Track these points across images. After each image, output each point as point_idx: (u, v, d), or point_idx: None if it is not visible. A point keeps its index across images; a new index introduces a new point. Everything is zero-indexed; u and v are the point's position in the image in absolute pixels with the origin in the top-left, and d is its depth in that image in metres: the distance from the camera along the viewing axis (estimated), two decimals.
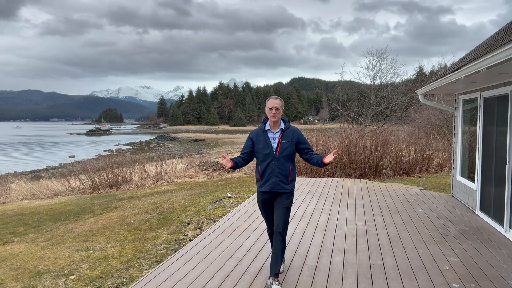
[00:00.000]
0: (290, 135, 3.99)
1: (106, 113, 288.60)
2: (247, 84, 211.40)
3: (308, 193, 8.92)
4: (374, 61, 23.65)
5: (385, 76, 23.79)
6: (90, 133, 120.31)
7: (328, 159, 3.83)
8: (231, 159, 3.98)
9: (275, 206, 3.98)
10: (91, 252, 5.47)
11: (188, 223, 6.81)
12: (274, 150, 3.92)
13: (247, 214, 6.92)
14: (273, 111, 3.92)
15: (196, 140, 74.26)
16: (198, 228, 6.45)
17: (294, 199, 8.31)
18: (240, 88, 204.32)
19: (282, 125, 4.01)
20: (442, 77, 6.71)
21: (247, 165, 4.17)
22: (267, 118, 4.05)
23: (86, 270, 4.77)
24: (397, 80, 25.17)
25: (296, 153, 4.14)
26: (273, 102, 3.94)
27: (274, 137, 3.96)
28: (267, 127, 4.01)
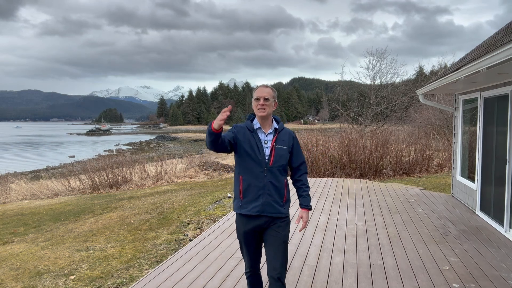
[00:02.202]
0: (286, 138, 2.99)
1: (106, 113, 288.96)
2: (247, 84, 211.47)
3: None
4: (374, 61, 23.70)
5: (385, 76, 23.85)
6: (90, 133, 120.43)
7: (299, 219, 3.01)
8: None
9: (268, 240, 2.90)
10: (91, 252, 5.47)
11: (188, 223, 6.80)
12: (266, 157, 2.88)
13: None
14: (261, 101, 2.88)
15: (196, 140, 74.30)
16: (198, 228, 6.45)
17: (294, 199, 8.28)
18: (240, 88, 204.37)
19: (275, 125, 3.00)
20: (442, 77, 6.72)
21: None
22: (253, 114, 3.03)
23: (86, 270, 4.77)
24: (397, 80, 25.23)
25: None
26: (262, 91, 2.91)
27: (266, 140, 2.92)
28: (257, 125, 2.95)
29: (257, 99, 2.90)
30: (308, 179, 11.16)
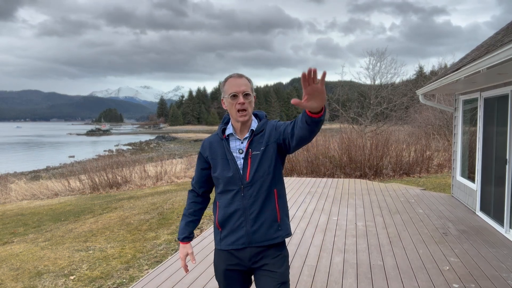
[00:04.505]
0: (266, 134, 2.13)
1: (106, 113, 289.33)
2: None
3: (308, 193, 8.92)
4: (374, 61, 23.74)
5: (385, 76, 23.89)
6: (90, 133, 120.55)
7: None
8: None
9: (260, 283, 2.11)
10: (91, 252, 5.47)
11: None
12: (241, 170, 2.10)
13: None
14: (241, 98, 2.05)
15: (196, 140, 74.34)
16: (198, 228, 6.45)
17: (294, 199, 8.23)
18: None
19: (254, 125, 2.16)
20: (442, 77, 6.72)
21: None
22: (228, 116, 2.22)
23: (86, 270, 4.77)
24: (397, 80, 25.26)
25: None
26: (239, 83, 2.06)
27: (239, 148, 2.14)
28: (230, 129, 2.16)
29: (234, 95, 2.05)
30: (308, 179, 11.17)
